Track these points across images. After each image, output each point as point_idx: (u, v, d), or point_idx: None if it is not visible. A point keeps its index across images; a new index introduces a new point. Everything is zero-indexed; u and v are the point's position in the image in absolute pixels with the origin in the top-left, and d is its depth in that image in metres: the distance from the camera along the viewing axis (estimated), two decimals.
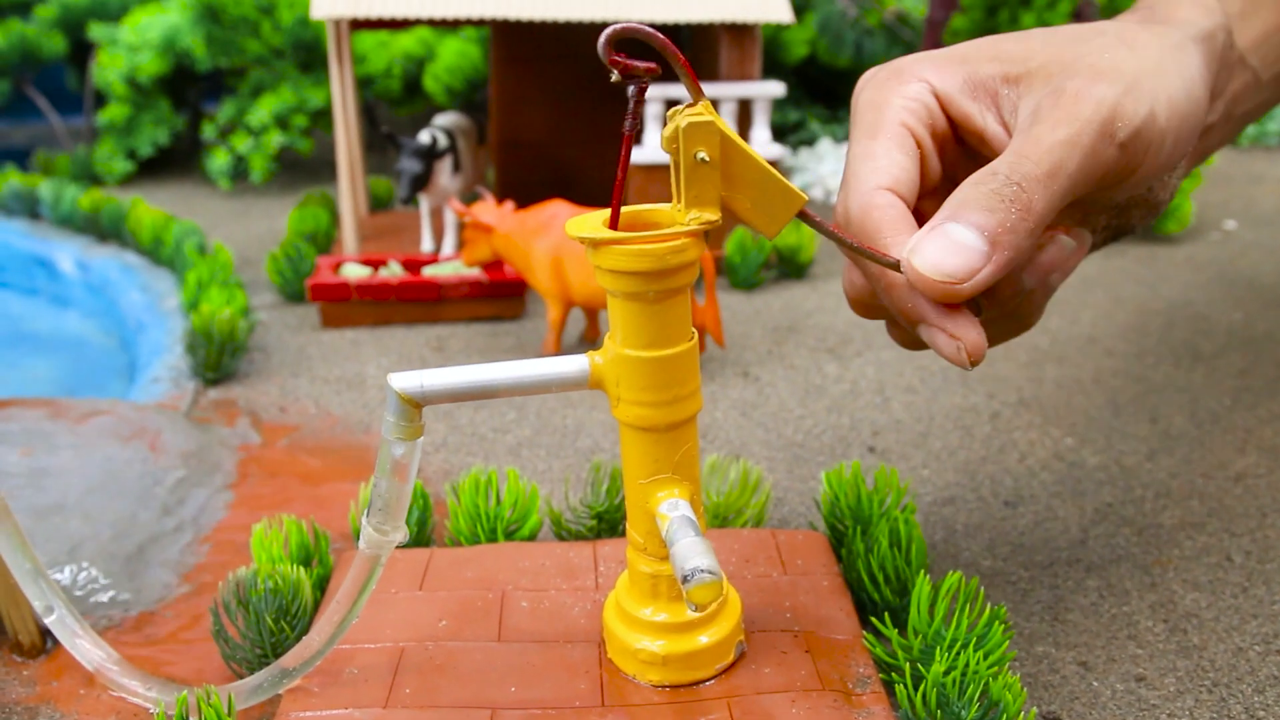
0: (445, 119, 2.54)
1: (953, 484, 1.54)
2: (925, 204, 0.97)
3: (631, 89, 0.80)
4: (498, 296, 2.16)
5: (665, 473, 0.94)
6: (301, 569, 1.13)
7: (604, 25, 2.74)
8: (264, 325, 2.20)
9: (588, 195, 2.88)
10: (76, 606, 1.22)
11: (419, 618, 1.10)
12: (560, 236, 1.85)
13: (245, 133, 3.50)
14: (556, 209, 1.88)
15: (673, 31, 2.83)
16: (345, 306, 2.15)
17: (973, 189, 0.83)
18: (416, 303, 2.15)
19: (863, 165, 0.90)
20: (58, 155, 3.77)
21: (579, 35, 2.83)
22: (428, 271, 2.24)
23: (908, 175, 0.90)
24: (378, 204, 3.11)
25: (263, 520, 1.24)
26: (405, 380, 0.87)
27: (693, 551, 0.85)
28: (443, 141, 2.36)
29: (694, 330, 0.92)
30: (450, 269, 2.24)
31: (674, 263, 0.85)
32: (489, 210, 1.95)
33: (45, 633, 1.21)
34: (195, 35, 3.53)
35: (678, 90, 2.39)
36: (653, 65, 0.79)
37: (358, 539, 1.30)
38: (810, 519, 1.43)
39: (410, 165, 2.27)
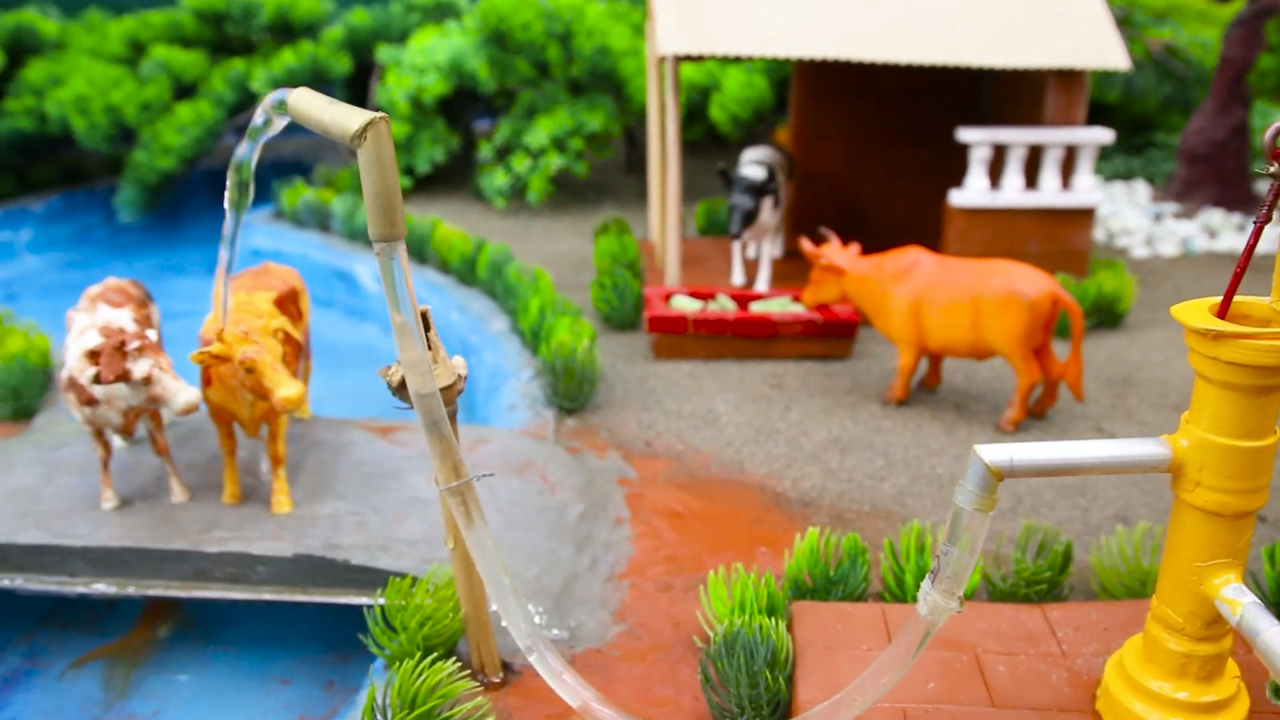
0: (761, 153, 2.55)
1: None
2: None
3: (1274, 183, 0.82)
4: (828, 336, 2.19)
5: (1226, 558, 0.95)
6: (780, 621, 1.17)
7: (918, 68, 2.75)
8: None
9: (879, 231, 2.91)
10: None
11: (906, 678, 1.13)
12: (921, 283, 1.86)
13: (524, 154, 3.61)
14: (917, 255, 1.90)
15: (976, 76, 2.83)
16: (679, 339, 2.21)
17: None
18: (749, 338, 2.19)
19: None
20: (338, 170, 3.96)
21: (881, 71, 2.84)
22: (756, 307, 2.29)
23: None
24: None
25: (719, 569, 1.29)
26: (995, 453, 0.90)
27: None
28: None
29: None
30: (779, 305, 2.28)
31: None
32: (839, 252, 1.98)
33: (505, 665, 1.28)
34: (480, 58, 3.66)
35: None
36: None
37: (792, 590, 1.35)
38: None
39: (743, 201, 2.30)
